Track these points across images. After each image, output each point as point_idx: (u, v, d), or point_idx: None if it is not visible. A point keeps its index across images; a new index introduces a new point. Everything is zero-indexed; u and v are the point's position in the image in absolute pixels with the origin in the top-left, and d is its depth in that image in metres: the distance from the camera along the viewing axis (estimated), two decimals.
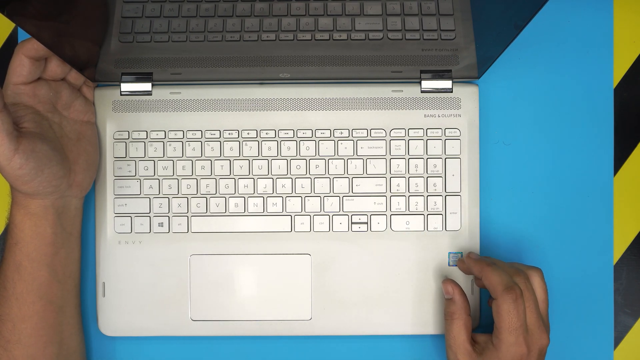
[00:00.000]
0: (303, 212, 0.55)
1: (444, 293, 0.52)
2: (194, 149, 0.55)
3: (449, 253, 0.55)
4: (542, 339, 0.49)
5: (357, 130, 0.55)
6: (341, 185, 0.55)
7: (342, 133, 0.55)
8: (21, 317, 0.50)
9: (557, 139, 0.57)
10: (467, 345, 0.50)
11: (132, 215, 0.55)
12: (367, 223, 0.55)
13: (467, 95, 0.55)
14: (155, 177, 0.55)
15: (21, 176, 0.46)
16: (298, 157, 0.55)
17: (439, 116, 0.55)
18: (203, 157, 0.55)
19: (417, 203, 0.55)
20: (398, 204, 0.55)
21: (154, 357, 0.57)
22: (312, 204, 0.55)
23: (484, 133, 0.56)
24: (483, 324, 0.56)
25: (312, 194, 0.55)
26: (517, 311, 0.48)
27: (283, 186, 0.55)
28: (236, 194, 0.55)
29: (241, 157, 0.55)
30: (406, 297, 0.55)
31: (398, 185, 0.55)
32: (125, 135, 0.56)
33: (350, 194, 0.55)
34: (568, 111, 0.57)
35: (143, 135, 0.56)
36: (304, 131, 0.55)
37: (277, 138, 0.55)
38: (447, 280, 0.53)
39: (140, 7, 0.47)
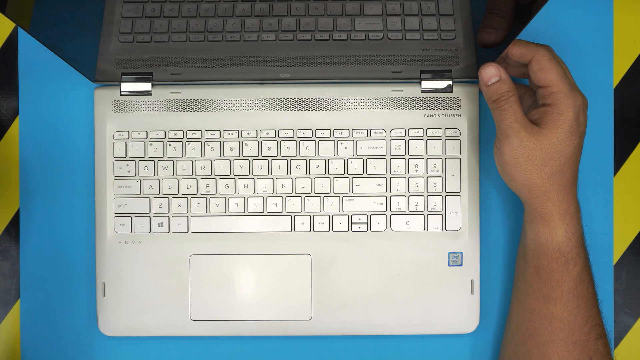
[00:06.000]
0: (303, 212, 0.55)
1: (485, 80, 0.49)
2: (194, 149, 0.55)
3: (449, 253, 0.55)
4: (584, 97, 0.49)
5: (357, 130, 0.55)
6: (341, 185, 0.55)
7: (342, 133, 0.55)
8: None
9: None
10: (526, 118, 0.49)
11: (132, 215, 0.55)
12: (367, 223, 0.55)
13: (467, 95, 0.55)
14: (155, 177, 0.55)
15: None
16: (298, 157, 0.55)
17: (439, 116, 0.55)
18: (203, 157, 0.55)
19: (417, 203, 0.55)
20: (398, 204, 0.55)
21: (154, 357, 0.57)
22: (312, 204, 0.55)
23: (484, 133, 0.56)
24: (480, 328, 0.56)
25: (312, 194, 0.55)
26: (559, 62, 0.48)
27: (283, 186, 0.55)
28: (236, 194, 0.55)
29: (241, 157, 0.55)
30: (406, 297, 0.55)
31: (398, 185, 0.55)
32: (125, 135, 0.56)
33: (350, 194, 0.55)
34: None
35: (143, 135, 0.56)
36: (304, 131, 0.55)
37: (277, 138, 0.55)
38: (486, 64, 0.49)
39: (140, 7, 0.47)
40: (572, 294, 0.49)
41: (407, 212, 0.55)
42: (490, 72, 0.49)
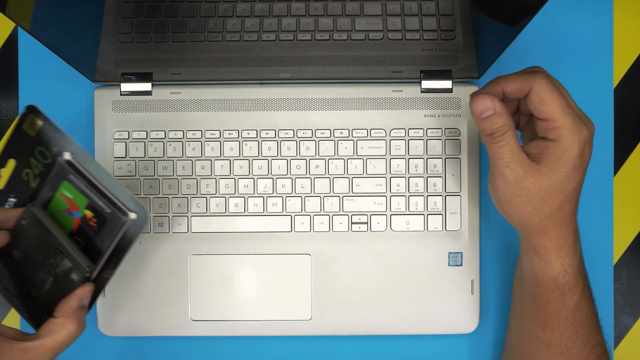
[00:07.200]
0: (303, 212, 0.55)
1: (479, 113, 0.45)
2: (194, 149, 0.55)
3: (449, 253, 0.55)
4: (590, 124, 0.45)
5: (357, 130, 0.55)
6: (341, 185, 0.55)
7: (342, 133, 0.55)
8: None
9: None
10: (523, 155, 0.45)
11: None
12: (367, 223, 0.55)
13: (467, 95, 0.55)
14: (155, 177, 0.55)
15: None
16: (298, 157, 0.55)
17: (439, 116, 0.55)
18: (203, 157, 0.55)
19: (417, 203, 0.55)
20: (398, 204, 0.55)
21: (154, 357, 0.57)
22: (312, 204, 0.55)
23: None
24: (480, 328, 0.56)
25: (312, 194, 0.55)
26: (561, 90, 0.44)
27: (283, 186, 0.55)
28: (236, 194, 0.55)
29: (241, 157, 0.55)
30: (406, 297, 0.55)
31: (398, 185, 0.55)
32: (125, 135, 0.56)
33: (350, 194, 0.55)
34: None
35: (143, 135, 0.56)
36: (304, 131, 0.55)
37: (277, 138, 0.55)
38: (479, 95, 0.45)
39: (140, 7, 0.47)
40: (569, 322, 0.47)
41: (407, 212, 0.55)
42: (485, 106, 0.44)
